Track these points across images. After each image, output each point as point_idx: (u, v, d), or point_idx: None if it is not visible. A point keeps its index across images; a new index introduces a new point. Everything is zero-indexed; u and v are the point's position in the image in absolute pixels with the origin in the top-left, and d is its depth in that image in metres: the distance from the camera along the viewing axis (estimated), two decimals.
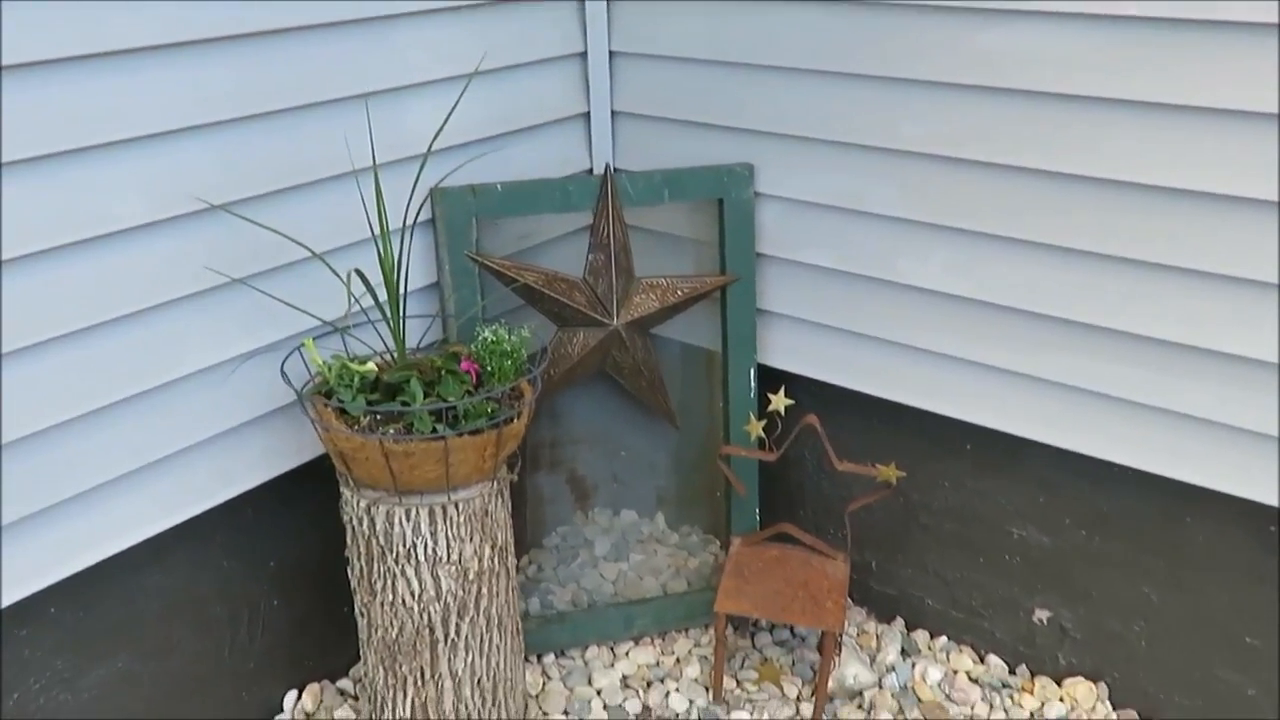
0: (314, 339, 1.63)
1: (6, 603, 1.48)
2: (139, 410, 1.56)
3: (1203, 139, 1.52)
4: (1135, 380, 1.70)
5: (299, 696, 1.96)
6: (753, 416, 2.00)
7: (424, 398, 1.55)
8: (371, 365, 1.61)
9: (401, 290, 1.60)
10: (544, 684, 2.01)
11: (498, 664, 1.71)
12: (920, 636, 2.14)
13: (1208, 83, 1.49)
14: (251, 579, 1.84)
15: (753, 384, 2.06)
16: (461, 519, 1.59)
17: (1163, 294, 1.63)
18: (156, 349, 1.55)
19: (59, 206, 1.39)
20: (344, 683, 2.02)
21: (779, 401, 1.91)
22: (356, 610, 1.69)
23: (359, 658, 1.93)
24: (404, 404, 1.54)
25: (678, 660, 2.08)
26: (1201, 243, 1.57)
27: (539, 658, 2.07)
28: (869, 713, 1.95)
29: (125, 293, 1.49)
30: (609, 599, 2.20)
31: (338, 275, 1.61)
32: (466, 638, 1.65)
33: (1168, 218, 1.58)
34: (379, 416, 1.56)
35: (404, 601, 1.61)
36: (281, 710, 1.94)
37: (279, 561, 1.87)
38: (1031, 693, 1.99)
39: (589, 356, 1.97)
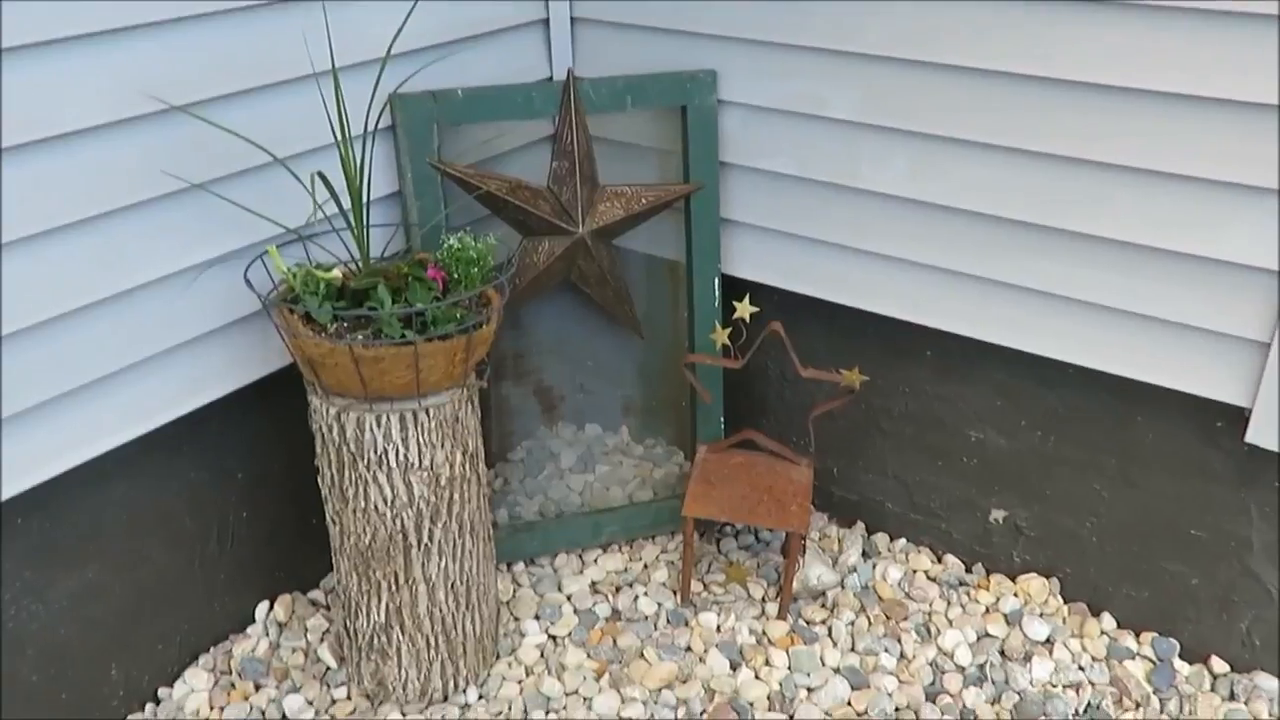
0: (277, 247, 1.61)
1: None
2: (98, 319, 1.53)
3: (1160, 39, 1.53)
4: (1090, 281, 1.73)
5: (270, 607, 1.97)
6: (718, 325, 2.01)
7: (392, 304, 1.54)
8: (337, 272, 1.59)
9: (365, 196, 1.58)
10: (514, 591, 2.04)
11: (471, 569, 1.73)
12: (880, 539, 2.20)
13: None
14: (220, 490, 1.84)
15: (717, 293, 2.07)
16: (432, 425, 1.59)
17: (1118, 195, 1.65)
18: (114, 256, 1.52)
19: (6, 107, 1.35)
20: (315, 594, 2.03)
21: (743, 309, 1.92)
22: (328, 518, 1.69)
23: (330, 568, 1.94)
24: (372, 309, 1.53)
25: (645, 566, 2.12)
26: (1156, 143, 1.59)
27: (509, 566, 2.10)
28: (832, 611, 2.01)
29: (79, 197, 1.46)
30: (576, 509, 2.23)
31: (299, 180, 1.58)
32: (440, 543, 1.67)
33: (1124, 118, 1.60)
34: (346, 323, 1.56)
35: (376, 508, 1.62)
36: (254, 620, 1.95)
37: (246, 473, 1.86)
38: (987, 589, 2.06)
39: (555, 265, 1.96)
